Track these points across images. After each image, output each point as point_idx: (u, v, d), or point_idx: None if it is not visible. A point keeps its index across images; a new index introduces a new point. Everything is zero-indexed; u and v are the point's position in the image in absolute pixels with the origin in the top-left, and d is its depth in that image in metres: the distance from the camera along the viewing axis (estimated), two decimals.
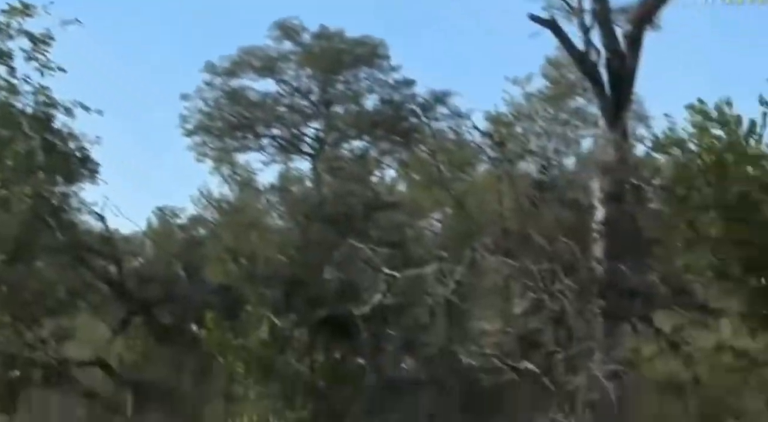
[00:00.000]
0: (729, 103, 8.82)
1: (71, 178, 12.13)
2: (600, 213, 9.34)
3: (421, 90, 19.07)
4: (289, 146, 18.73)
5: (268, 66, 18.73)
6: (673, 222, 9.37)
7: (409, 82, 19.15)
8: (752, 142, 8.80)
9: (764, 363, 9.44)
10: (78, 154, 12.11)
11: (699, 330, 10.49)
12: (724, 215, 8.72)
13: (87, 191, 12.52)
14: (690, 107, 8.97)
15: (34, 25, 11.43)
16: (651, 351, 9.99)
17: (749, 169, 8.81)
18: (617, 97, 9.76)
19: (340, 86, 19.10)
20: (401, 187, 17.03)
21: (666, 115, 9.35)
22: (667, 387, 9.87)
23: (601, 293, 8.86)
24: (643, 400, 9.39)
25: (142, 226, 14.67)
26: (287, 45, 19.02)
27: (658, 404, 9.33)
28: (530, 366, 8.85)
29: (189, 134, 18.58)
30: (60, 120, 11.88)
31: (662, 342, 9.79)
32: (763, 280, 8.88)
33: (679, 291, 9.53)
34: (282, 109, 19.14)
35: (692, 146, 9.04)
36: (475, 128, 12.04)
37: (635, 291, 8.93)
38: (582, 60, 10.03)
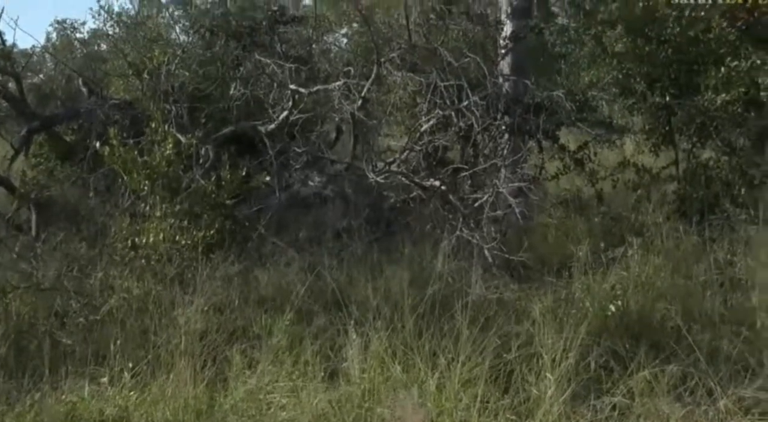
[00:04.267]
0: None
1: None
2: (507, 28, 9.21)
3: None
4: None
5: None
6: (580, 37, 9.31)
7: None
8: None
9: (665, 179, 9.67)
10: None
11: (603, 146, 10.66)
12: (629, 30, 8.68)
13: None
14: None
15: None
16: (556, 167, 10.14)
17: None
18: None
19: None
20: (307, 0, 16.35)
21: None
22: (571, 203, 10.03)
23: (506, 110, 8.84)
24: (547, 216, 9.54)
25: (41, 40, 14.02)
26: None
27: (562, 220, 9.49)
28: (436, 183, 8.88)
29: None
30: None
31: (567, 159, 9.93)
32: (665, 97, 8.96)
33: (584, 108, 9.58)
34: None
35: None
36: None
37: (540, 107, 8.94)
38: None
